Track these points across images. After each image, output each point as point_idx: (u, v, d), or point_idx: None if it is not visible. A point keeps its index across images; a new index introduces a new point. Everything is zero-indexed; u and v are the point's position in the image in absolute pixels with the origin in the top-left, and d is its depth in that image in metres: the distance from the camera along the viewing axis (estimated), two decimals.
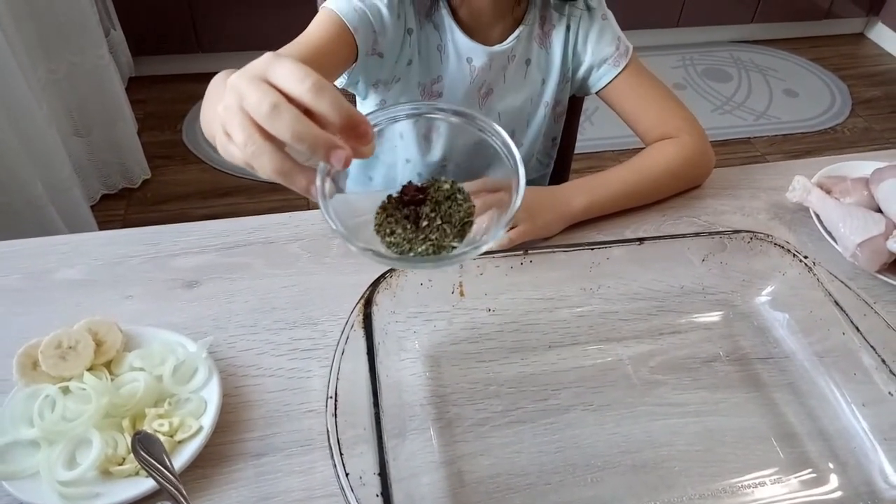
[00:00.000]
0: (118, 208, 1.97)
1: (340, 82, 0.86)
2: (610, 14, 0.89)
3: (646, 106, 0.87)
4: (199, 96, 2.30)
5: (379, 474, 0.49)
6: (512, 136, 0.88)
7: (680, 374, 0.65)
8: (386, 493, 0.47)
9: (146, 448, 0.48)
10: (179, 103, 2.34)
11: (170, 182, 2.06)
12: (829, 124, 2.44)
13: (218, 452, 0.57)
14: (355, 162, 0.46)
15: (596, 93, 0.90)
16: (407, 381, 0.63)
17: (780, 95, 2.57)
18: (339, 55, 0.76)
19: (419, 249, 0.48)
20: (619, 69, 0.86)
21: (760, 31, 2.87)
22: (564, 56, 0.88)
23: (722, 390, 0.64)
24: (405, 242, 0.49)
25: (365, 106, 0.93)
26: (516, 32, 0.86)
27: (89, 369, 0.58)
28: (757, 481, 0.58)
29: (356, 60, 0.78)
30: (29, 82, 1.49)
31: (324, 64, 0.73)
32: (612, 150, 2.20)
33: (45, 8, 1.61)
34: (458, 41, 0.85)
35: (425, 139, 0.91)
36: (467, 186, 0.74)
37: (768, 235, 0.68)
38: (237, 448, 0.58)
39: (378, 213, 0.51)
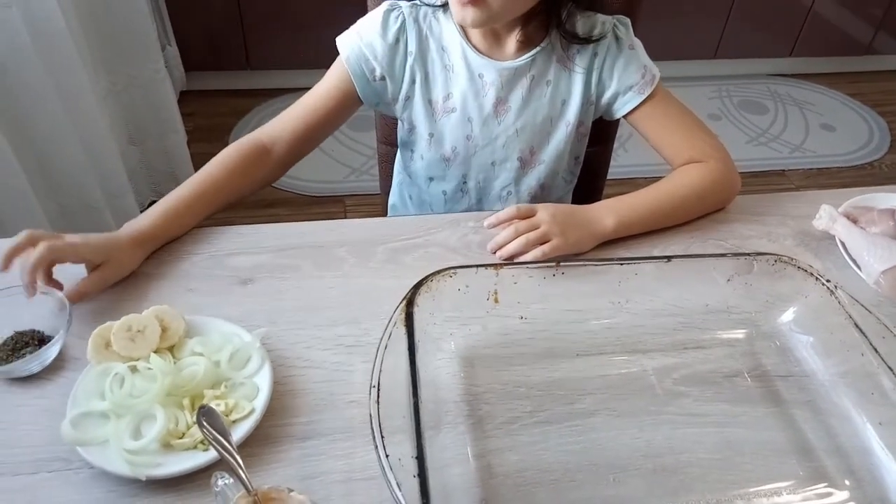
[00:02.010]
0: None
1: (368, 101, 0.94)
2: (638, 43, 0.92)
3: (672, 132, 0.91)
4: (247, 111, 2.40)
5: (416, 458, 0.53)
6: (531, 153, 0.95)
7: (702, 387, 0.68)
8: (422, 476, 0.52)
9: (209, 421, 0.53)
10: (227, 117, 2.45)
11: None
12: (867, 160, 2.44)
13: (267, 434, 0.62)
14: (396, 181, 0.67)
15: (622, 118, 0.94)
16: (442, 379, 0.67)
17: (816, 129, 2.58)
18: (342, 106, 0.92)
19: None
20: (644, 97, 0.90)
21: (798, 64, 2.88)
22: (588, 81, 0.91)
23: (743, 404, 0.67)
24: None
25: (399, 125, 0.98)
26: (532, 52, 0.89)
27: (155, 352, 0.64)
28: (773, 491, 0.60)
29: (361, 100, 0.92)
30: (93, 93, 1.59)
31: (324, 118, 0.92)
32: (645, 178, 2.23)
33: (110, 24, 1.72)
34: (469, 58, 0.90)
35: (444, 160, 0.96)
36: (499, 215, 0.81)
37: (792, 259, 0.71)
38: (284, 431, 0.62)
39: None
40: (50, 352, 0.65)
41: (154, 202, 0.79)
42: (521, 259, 0.80)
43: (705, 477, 0.61)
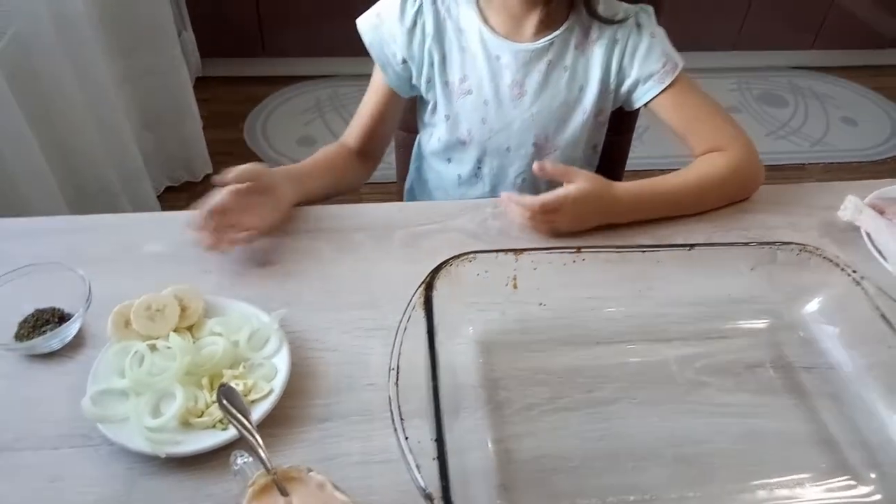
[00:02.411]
0: (180, 200, 2.07)
1: (402, 91, 0.96)
2: (660, 31, 0.91)
3: (694, 121, 0.90)
4: (262, 98, 2.40)
5: (436, 441, 0.52)
6: (546, 139, 0.94)
7: (724, 377, 0.68)
8: (442, 458, 0.51)
9: (230, 400, 0.53)
10: (243, 104, 2.45)
11: None
12: (888, 154, 2.40)
13: (285, 415, 0.62)
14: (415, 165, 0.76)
15: (644, 105, 0.93)
16: (461, 363, 0.67)
17: (837, 123, 2.54)
18: (390, 103, 0.97)
19: None
20: (664, 85, 0.88)
21: (820, 57, 2.83)
22: (607, 68, 0.90)
23: (765, 395, 0.66)
24: None
25: (424, 106, 0.98)
26: (551, 36, 0.88)
27: (174, 331, 0.64)
28: (795, 482, 0.59)
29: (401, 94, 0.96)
30: (110, 78, 1.59)
31: (379, 117, 0.97)
32: (662, 169, 2.20)
33: (127, 9, 1.72)
34: (486, 40, 0.89)
35: (461, 143, 0.96)
36: (525, 201, 0.80)
37: (817, 248, 0.70)
38: (303, 412, 0.62)
39: None
40: (70, 329, 0.65)
41: (170, 188, 0.83)
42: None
43: (726, 467, 0.60)
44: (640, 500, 0.58)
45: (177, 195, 2.08)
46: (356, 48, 0.94)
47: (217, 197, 0.74)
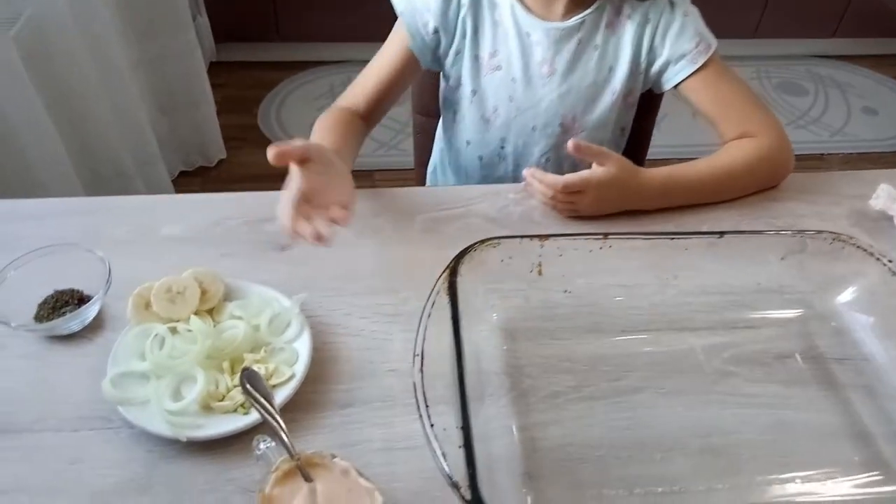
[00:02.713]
0: (194, 185, 2.06)
1: (424, 61, 0.92)
2: (694, 10, 0.88)
3: (725, 105, 0.87)
4: (276, 83, 2.37)
5: (461, 428, 0.51)
6: (573, 120, 0.92)
7: (752, 367, 0.66)
8: (468, 446, 0.50)
9: (252, 384, 0.52)
10: (257, 89, 2.44)
11: (244, 163, 2.15)
12: None
13: (307, 400, 0.61)
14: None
15: (674, 87, 0.90)
16: (484, 350, 0.66)
17: (858, 113, 2.50)
18: (407, 70, 0.91)
19: None
20: (697, 66, 0.86)
21: (841, 46, 2.78)
22: (637, 48, 0.88)
23: (795, 386, 0.65)
24: None
25: (447, 82, 0.96)
26: (582, 14, 0.87)
27: (194, 314, 0.63)
28: (826, 476, 0.58)
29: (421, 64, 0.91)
30: (126, 61, 1.58)
31: (391, 85, 0.91)
32: (679, 158, 2.17)
33: None
34: (518, 15, 0.87)
35: (485, 121, 0.94)
36: (548, 179, 0.78)
37: (851, 237, 0.68)
38: (324, 397, 0.62)
39: None
40: (90, 311, 0.65)
41: (185, 172, 0.79)
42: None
43: (755, 458, 0.59)
44: (668, 492, 0.56)
45: (191, 180, 2.07)
46: (370, 33, 0.92)
47: (295, 184, 0.65)
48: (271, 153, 0.64)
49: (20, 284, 0.65)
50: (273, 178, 0.72)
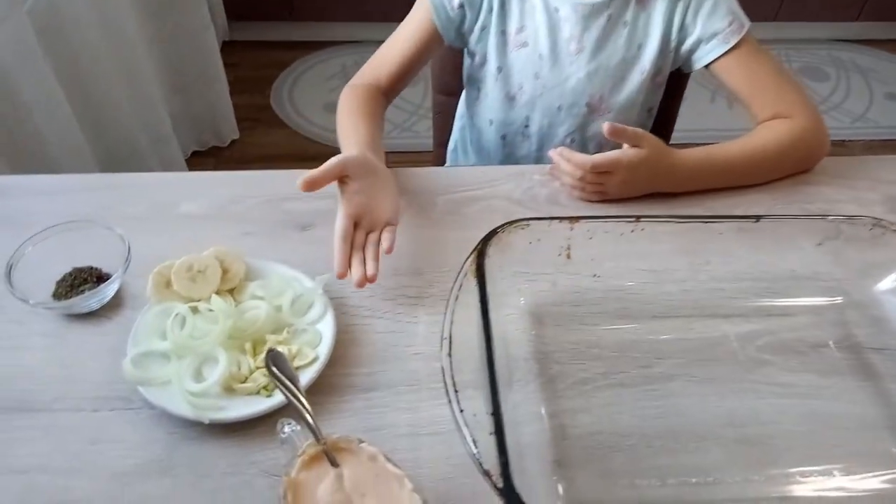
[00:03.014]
0: (207, 165, 2.05)
1: (447, 37, 0.89)
2: None
3: (758, 85, 0.85)
4: (289, 63, 2.34)
5: (492, 414, 0.50)
6: (600, 99, 0.89)
7: (787, 356, 0.64)
8: (500, 433, 0.48)
9: (278, 366, 0.50)
10: (270, 69, 2.41)
11: (256, 144, 2.13)
12: None
13: (330, 383, 0.60)
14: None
15: (703, 68, 0.88)
16: (512, 335, 0.64)
17: (880, 99, 2.44)
18: (429, 46, 0.89)
19: None
20: (729, 45, 0.84)
21: (865, 30, 2.72)
22: (668, 25, 0.86)
23: (831, 376, 0.63)
24: None
25: (471, 59, 0.94)
26: None
27: (215, 293, 0.62)
28: (865, 468, 0.56)
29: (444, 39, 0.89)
30: (141, 38, 1.56)
31: (413, 60, 0.89)
32: (697, 143, 2.14)
33: None
34: None
35: (509, 99, 0.92)
36: (576, 158, 0.76)
37: (892, 223, 0.66)
38: (348, 381, 0.60)
39: None
40: (109, 289, 0.63)
41: (197, 151, 0.77)
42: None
43: (791, 450, 0.57)
44: (702, 483, 0.55)
45: (203, 160, 2.05)
46: (384, 14, 0.90)
47: (338, 225, 0.65)
48: (301, 184, 0.64)
49: (38, 261, 0.64)
50: (286, 160, 0.71)
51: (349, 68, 2.39)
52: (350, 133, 0.78)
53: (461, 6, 0.86)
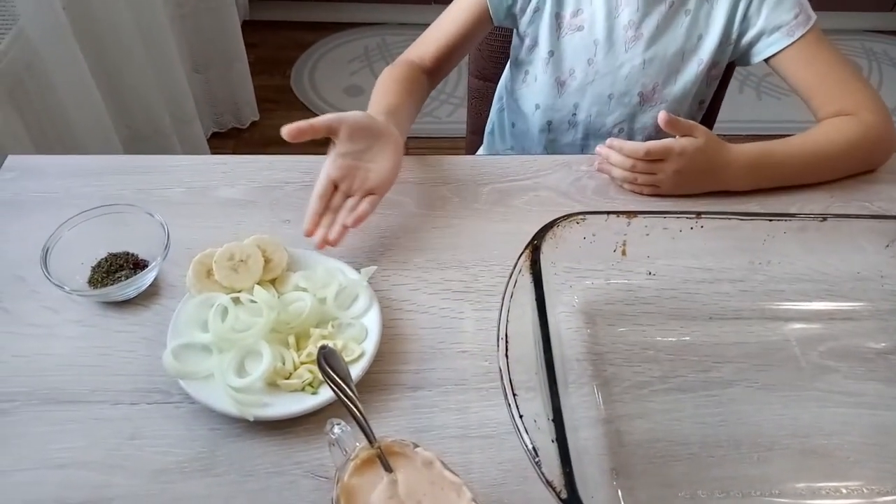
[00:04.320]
0: (227, 147, 2.02)
1: (497, 17, 0.86)
2: None
3: (822, 79, 0.81)
4: (310, 44, 2.29)
5: (553, 420, 0.47)
6: (654, 89, 0.85)
7: (853, 363, 0.61)
8: (562, 439, 0.46)
9: (330, 363, 0.48)
10: (290, 50, 2.37)
11: (276, 126, 2.05)
12: None
13: (376, 380, 0.57)
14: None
15: (765, 60, 0.84)
16: (564, 334, 0.61)
17: None
18: (478, 26, 0.86)
19: None
20: (794, 39, 0.80)
21: None
22: (731, 16, 0.82)
23: None
24: None
25: (520, 42, 0.90)
26: None
27: (257, 284, 0.59)
28: None
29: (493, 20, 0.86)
30: (165, 16, 1.53)
31: (461, 40, 0.86)
32: (725, 134, 2.09)
33: None
34: None
35: (559, 84, 0.88)
36: (626, 146, 0.72)
37: None
38: (394, 378, 0.58)
39: None
40: (147, 277, 0.61)
41: (217, 133, 0.74)
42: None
43: (860, 463, 0.54)
44: (767, 494, 0.52)
45: (223, 142, 2.03)
46: None
47: (317, 183, 0.66)
48: (285, 132, 0.64)
49: (75, 246, 0.62)
50: (306, 143, 0.68)
51: (371, 51, 2.34)
52: (374, 102, 0.77)
53: None
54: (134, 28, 1.42)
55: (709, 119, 1.06)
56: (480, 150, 1.11)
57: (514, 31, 0.90)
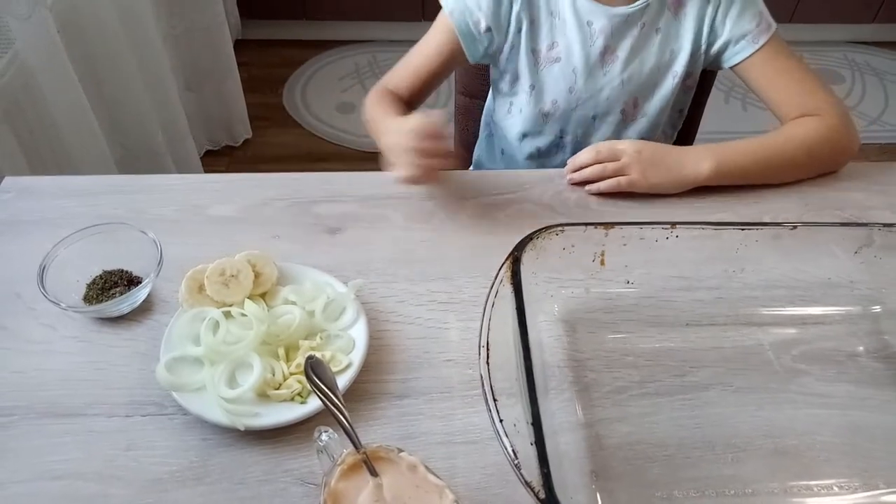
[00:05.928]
0: (220, 164, 2.04)
1: (473, 57, 0.89)
2: None
3: (785, 84, 0.84)
4: (302, 62, 2.33)
5: (532, 424, 0.49)
6: (635, 105, 0.89)
7: (824, 366, 0.63)
8: (540, 442, 0.48)
9: (317, 373, 0.50)
10: (282, 68, 2.40)
11: (269, 143, 2.12)
12: None
13: (363, 390, 0.59)
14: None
15: (731, 68, 0.87)
16: (545, 342, 0.63)
17: None
18: (449, 62, 0.89)
19: None
20: (758, 46, 0.84)
21: (880, 32, 2.70)
22: (699, 29, 0.86)
23: (869, 387, 0.62)
24: None
25: (501, 76, 0.93)
26: None
27: (248, 298, 0.61)
28: None
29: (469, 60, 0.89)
30: (158, 35, 1.56)
31: (434, 75, 0.90)
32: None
33: None
34: (578, 4, 0.84)
35: (543, 115, 0.91)
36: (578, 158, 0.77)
37: None
38: (381, 387, 0.60)
39: None
40: (141, 293, 0.63)
41: (210, 150, 0.77)
42: (593, 188, 0.79)
43: (831, 462, 0.56)
44: (741, 494, 0.54)
45: (217, 159, 2.05)
46: (397, 13, 0.89)
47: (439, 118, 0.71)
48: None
49: (70, 264, 0.64)
50: (299, 160, 0.70)
51: (362, 68, 2.38)
52: (385, 114, 0.82)
53: (488, 30, 0.85)
54: (127, 48, 1.45)
55: (690, 128, 1.09)
56: None
57: (492, 66, 0.93)
